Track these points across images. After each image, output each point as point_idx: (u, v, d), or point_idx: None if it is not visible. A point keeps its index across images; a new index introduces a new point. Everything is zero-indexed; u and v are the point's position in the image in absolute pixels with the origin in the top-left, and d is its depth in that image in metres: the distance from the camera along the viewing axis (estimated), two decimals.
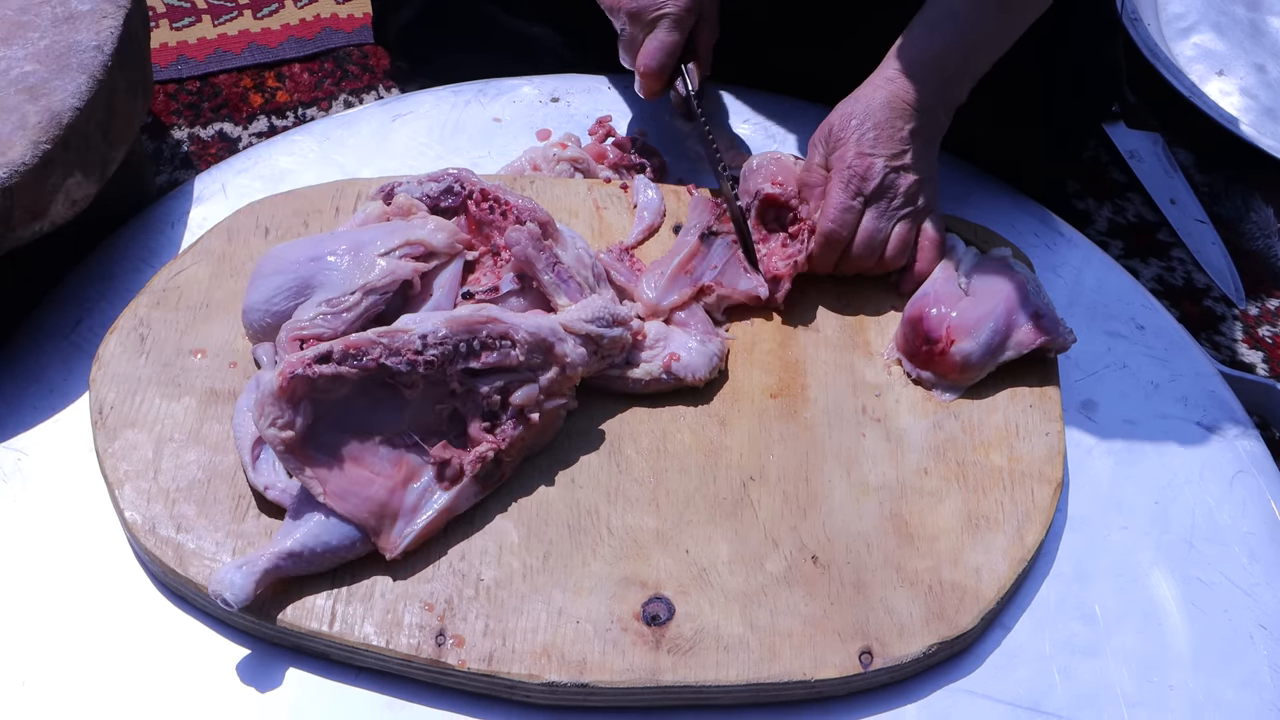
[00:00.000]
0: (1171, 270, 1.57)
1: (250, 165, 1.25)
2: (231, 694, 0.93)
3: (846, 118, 1.11)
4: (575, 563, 0.97)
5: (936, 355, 1.08)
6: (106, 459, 0.99)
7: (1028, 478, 1.03)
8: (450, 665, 0.91)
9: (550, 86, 1.34)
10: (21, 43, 1.10)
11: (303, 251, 1.03)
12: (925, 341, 1.08)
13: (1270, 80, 1.76)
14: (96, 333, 1.10)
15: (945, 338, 1.07)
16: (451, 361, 0.96)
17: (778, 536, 0.99)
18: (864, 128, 1.10)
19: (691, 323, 1.09)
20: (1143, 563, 1.04)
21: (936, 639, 0.95)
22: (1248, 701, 0.97)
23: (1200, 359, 1.18)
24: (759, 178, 1.13)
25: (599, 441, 1.04)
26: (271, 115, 1.65)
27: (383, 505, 0.94)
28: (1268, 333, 1.53)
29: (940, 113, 1.13)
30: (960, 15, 1.11)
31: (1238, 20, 1.83)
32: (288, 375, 0.91)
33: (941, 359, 1.07)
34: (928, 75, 1.11)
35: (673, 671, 0.92)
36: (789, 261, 1.12)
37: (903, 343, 1.10)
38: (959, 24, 1.11)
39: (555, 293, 1.04)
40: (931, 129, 1.13)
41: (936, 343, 1.07)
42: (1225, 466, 1.10)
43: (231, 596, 0.89)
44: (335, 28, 1.75)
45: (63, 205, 1.07)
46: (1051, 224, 1.27)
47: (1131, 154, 1.67)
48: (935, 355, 1.08)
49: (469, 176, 1.08)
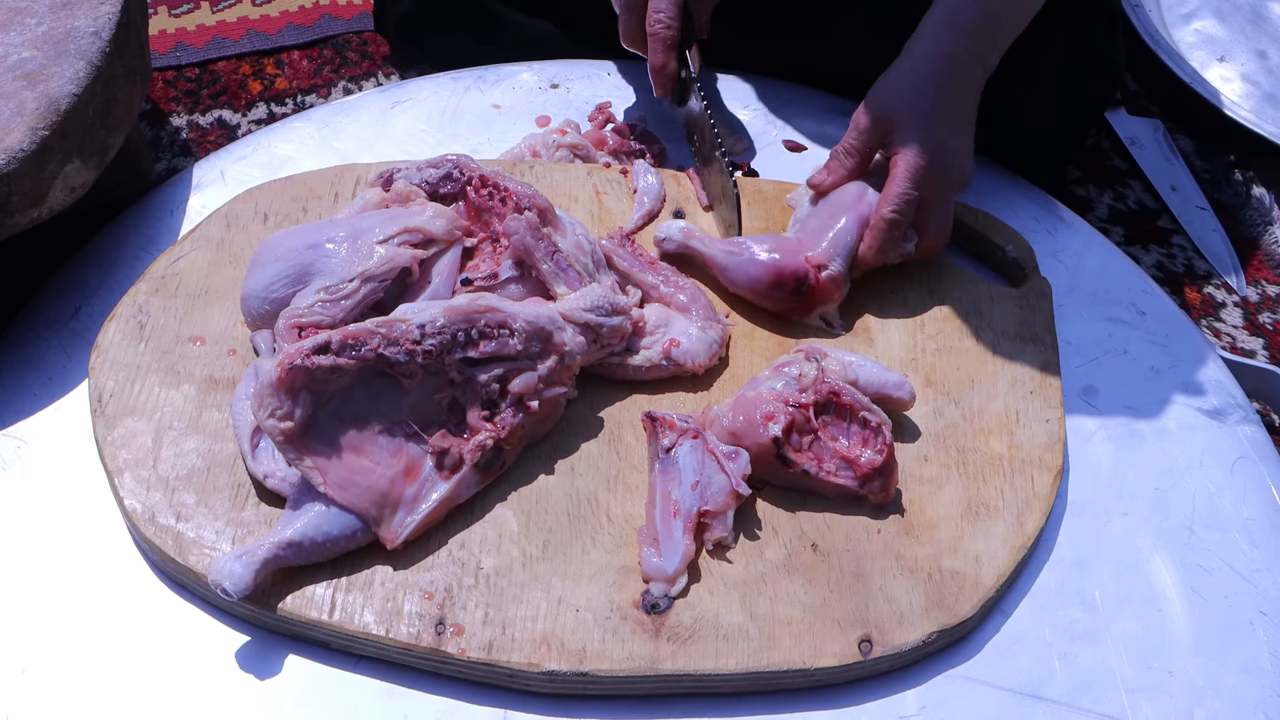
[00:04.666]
0: (1172, 257, 1.57)
1: (249, 152, 1.25)
2: (231, 682, 0.93)
3: (900, 99, 1.09)
4: (575, 551, 0.97)
5: (818, 289, 1.09)
6: (106, 447, 0.99)
7: (1028, 464, 1.03)
8: (450, 654, 0.91)
9: (550, 73, 1.34)
10: (19, 29, 1.10)
11: (301, 239, 1.03)
12: (798, 284, 1.09)
13: (1271, 66, 1.75)
14: (95, 320, 1.10)
15: (813, 271, 1.09)
16: (450, 351, 0.95)
17: (777, 524, 0.99)
18: (924, 110, 1.08)
19: (692, 309, 1.09)
20: (1143, 549, 1.04)
21: (936, 627, 0.95)
22: (1248, 687, 0.97)
23: (1201, 345, 1.18)
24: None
25: (598, 429, 1.04)
26: (271, 102, 1.64)
27: (383, 495, 0.94)
28: (1268, 319, 1.53)
29: (980, 84, 1.12)
30: None
31: (1239, 6, 1.83)
32: (286, 366, 0.91)
33: (822, 290, 1.09)
34: (971, 46, 1.10)
35: (672, 660, 0.92)
36: (881, 452, 0.99)
37: (782, 304, 1.11)
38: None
39: (554, 281, 1.03)
40: (974, 101, 1.12)
41: (806, 278, 1.09)
42: (1226, 452, 1.10)
43: (231, 586, 0.89)
44: (334, 15, 1.74)
45: (61, 192, 1.07)
46: (1053, 210, 1.27)
47: (1132, 140, 1.66)
48: (817, 289, 1.09)
49: (468, 163, 1.08)
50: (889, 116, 1.10)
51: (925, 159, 1.08)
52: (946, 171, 1.10)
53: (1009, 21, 1.12)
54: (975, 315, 1.13)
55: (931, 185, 1.09)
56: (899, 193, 1.08)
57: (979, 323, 1.13)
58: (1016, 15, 1.12)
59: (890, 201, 1.09)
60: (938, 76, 1.09)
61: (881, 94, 1.11)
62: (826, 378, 1.01)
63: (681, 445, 0.98)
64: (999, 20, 1.11)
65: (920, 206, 1.10)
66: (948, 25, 1.10)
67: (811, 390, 1.00)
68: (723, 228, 1.18)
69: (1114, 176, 1.65)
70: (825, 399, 1.00)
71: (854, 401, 1.00)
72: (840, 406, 1.00)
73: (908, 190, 1.08)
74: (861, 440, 1.00)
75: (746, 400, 1.00)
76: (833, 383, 1.00)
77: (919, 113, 1.09)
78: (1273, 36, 1.79)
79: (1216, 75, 1.74)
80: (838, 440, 1.00)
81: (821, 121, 1.32)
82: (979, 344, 1.11)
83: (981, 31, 1.10)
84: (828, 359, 1.03)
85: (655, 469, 0.99)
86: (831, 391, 1.00)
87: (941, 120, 1.09)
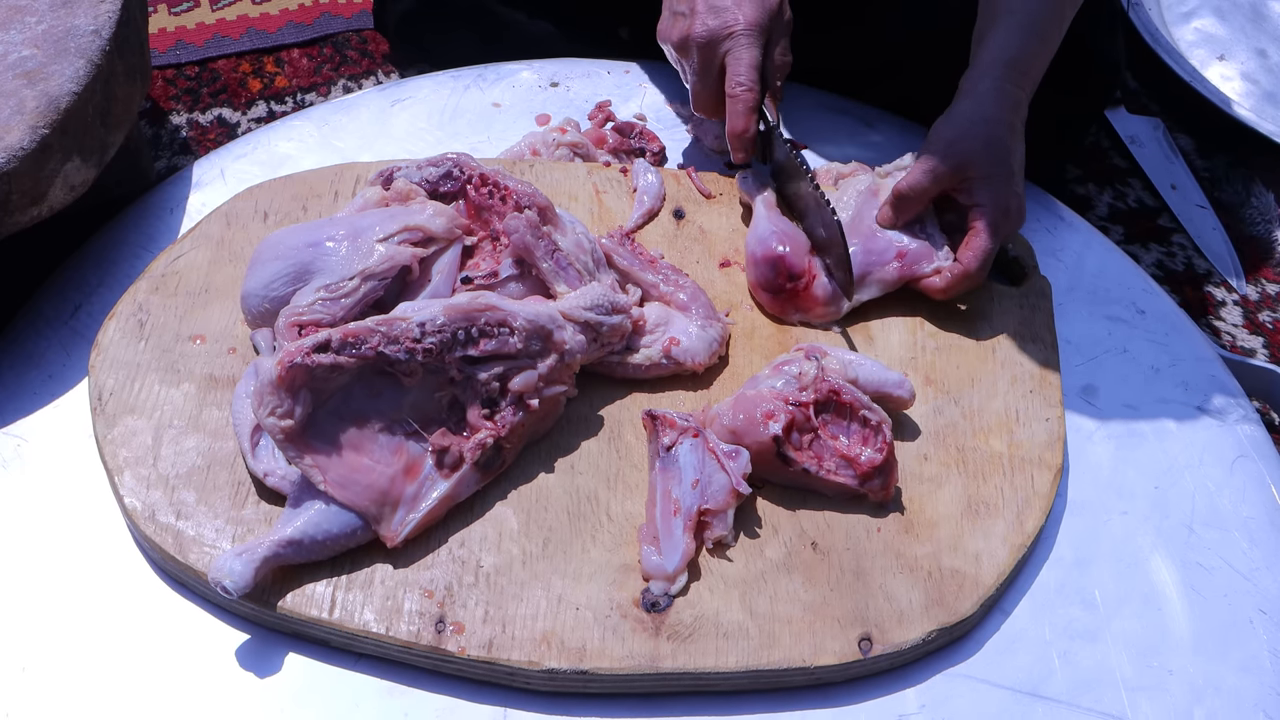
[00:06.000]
0: (1172, 255, 1.57)
1: (249, 150, 1.25)
2: (231, 680, 0.93)
3: (983, 150, 1.08)
4: (575, 549, 0.97)
5: (801, 291, 1.09)
6: (106, 445, 0.99)
7: (1027, 463, 1.03)
8: (450, 652, 0.91)
9: (550, 71, 1.34)
10: (19, 27, 1.10)
11: (301, 237, 1.03)
12: (788, 278, 1.09)
13: (1271, 65, 1.75)
14: (95, 318, 1.10)
15: (807, 273, 1.10)
16: (450, 349, 0.95)
17: (777, 523, 0.99)
18: (1003, 161, 1.08)
19: (692, 307, 1.09)
20: (1143, 548, 1.04)
21: (936, 625, 0.95)
22: (1247, 686, 0.97)
23: (1201, 344, 1.18)
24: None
25: (598, 427, 1.04)
26: (270, 100, 1.65)
27: (383, 493, 0.94)
28: (1268, 318, 1.53)
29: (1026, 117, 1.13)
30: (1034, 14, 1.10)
31: (1239, 5, 1.83)
32: (286, 364, 0.91)
33: (805, 295, 1.09)
34: (1026, 82, 1.10)
35: (672, 658, 0.92)
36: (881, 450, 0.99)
37: (764, 280, 1.11)
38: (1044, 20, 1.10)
39: (554, 280, 1.03)
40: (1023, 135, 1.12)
41: (800, 278, 1.09)
42: (1225, 451, 1.10)
43: (231, 584, 0.89)
44: (334, 13, 1.74)
45: (61, 190, 1.07)
46: (1053, 208, 1.27)
47: (1132, 139, 1.66)
48: (800, 292, 1.10)
49: (468, 161, 1.08)
50: (966, 166, 1.09)
51: (1005, 214, 1.09)
52: (1018, 222, 1.11)
53: (1053, 51, 1.13)
54: (975, 314, 1.13)
55: (1004, 235, 1.10)
56: (985, 247, 1.09)
57: (979, 321, 1.13)
58: (1058, 41, 1.13)
59: (979, 256, 1.09)
60: (1009, 124, 1.09)
61: (958, 140, 1.09)
62: (826, 376, 1.01)
63: (682, 444, 0.98)
64: (1047, 52, 1.12)
65: None
66: (1010, 65, 1.10)
67: (811, 389, 1.00)
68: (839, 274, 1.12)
69: (1114, 175, 1.65)
70: (825, 397, 1.00)
71: (854, 400, 1.00)
72: (840, 405, 1.00)
73: (990, 244, 1.09)
74: (861, 439, 1.00)
75: (746, 399, 1.00)
76: (833, 381, 1.00)
77: (998, 164, 1.08)
78: (1273, 35, 1.79)
79: (1216, 74, 1.74)
80: (838, 439, 1.00)
81: (819, 120, 1.32)
82: (979, 343, 1.11)
83: (1032, 68, 1.11)
84: (828, 357, 1.03)
85: (655, 467, 0.99)
86: (831, 390, 1.00)
87: (1017, 173, 1.09)
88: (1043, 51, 1.11)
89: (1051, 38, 1.12)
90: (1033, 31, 1.10)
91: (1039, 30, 1.10)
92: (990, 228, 1.08)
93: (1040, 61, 1.11)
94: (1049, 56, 1.12)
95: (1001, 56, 1.10)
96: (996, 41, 1.11)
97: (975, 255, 1.09)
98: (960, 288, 1.10)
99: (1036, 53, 1.11)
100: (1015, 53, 1.10)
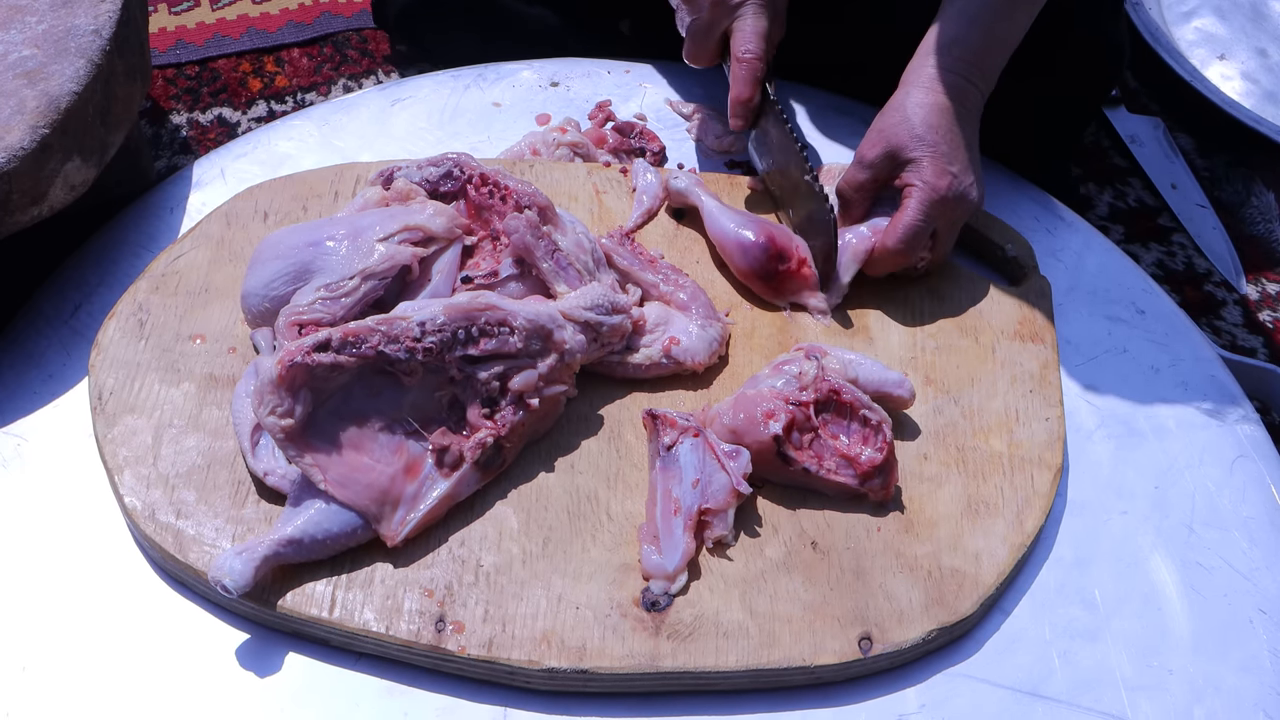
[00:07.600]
0: (1172, 255, 1.57)
1: (249, 150, 1.25)
2: (231, 680, 0.93)
3: (910, 132, 1.08)
4: (575, 549, 0.97)
5: (794, 272, 1.10)
6: (106, 444, 0.99)
7: (1027, 463, 1.03)
8: (450, 651, 0.91)
9: (550, 71, 1.34)
10: (19, 27, 1.10)
11: (301, 236, 1.03)
12: (779, 260, 1.10)
13: (1272, 64, 1.75)
14: (95, 318, 1.10)
15: (796, 254, 1.10)
16: (450, 348, 0.95)
17: (777, 522, 0.99)
18: (932, 142, 1.08)
19: (692, 307, 1.09)
20: (1143, 547, 1.04)
21: (936, 625, 0.95)
22: (1247, 686, 0.97)
23: (1201, 344, 1.18)
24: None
25: (598, 427, 1.04)
26: (270, 100, 1.65)
27: (384, 492, 0.94)
28: (1268, 317, 1.53)
29: (981, 107, 1.12)
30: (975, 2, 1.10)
31: (1239, 4, 1.83)
32: (286, 364, 0.91)
33: (799, 275, 1.10)
34: (973, 71, 1.10)
35: (672, 657, 0.92)
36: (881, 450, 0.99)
37: (756, 265, 1.11)
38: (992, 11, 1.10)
39: (554, 280, 1.03)
40: (977, 123, 1.12)
41: (789, 259, 1.10)
42: (1225, 451, 1.10)
43: (231, 583, 0.89)
44: (334, 12, 1.74)
45: (61, 190, 1.07)
46: (1052, 208, 1.27)
47: (1132, 139, 1.66)
48: (793, 272, 1.10)
49: (468, 161, 1.08)
50: (898, 150, 1.09)
51: (938, 193, 1.08)
52: (959, 203, 1.09)
53: (1005, 44, 1.12)
54: (975, 314, 1.13)
55: (943, 217, 1.09)
56: (909, 223, 1.08)
57: (979, 321, 1.13)
58: (1012, 35, 1.12)
59: (899, 232, 1.09)
60: (944, 107, 1.09)
61: (888, 127, 1.10)
62: (826, 376, 1.01)
63: (682, 443, 0.98)
64: (997, 43, 1.11)
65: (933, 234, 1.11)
66: (947, 52, 1.10)
67: (812, 388, 1.00)
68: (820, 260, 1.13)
69: (1114, 174, 1.65)
70: (825, 397, 1.00)
71: (854, 399, 1.00)
72: (840, 405, 1.00)
73: (917, 222, 1.08)
74: (862, 438, 1.00)
75: (747, 398, 1.00)
76: (833, 381, 1.00)
77: (929, 145, 1.08)
78: (1273, 34, 1.79)
79: (1217, 73, 1.74)
80: (838, 438, 1.00)
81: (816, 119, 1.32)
82: (979, 342, 1.11)
83: (980, 57, 1.10)
84: (828, 357, 1.03)
85: (656, 467, 0.99)
86: (832, 389, 1.00)
87: (951, 153, 1.09)
88: (989, 39, 1.10)
89: (997, 28, 1.11)
90: (970, 17, 1.10)
91: (977, 17, 1.10)
92: (918, 205, 1.08)
93: (989, 49, 1.11)
94: (1001, 46, 1.11)
95: (940, 42, 1.10)
96: (935, 30, 1.11)
97: (895, 231, 1.09)
98: (884, 264, 1.11)
99: (980, 40, 1.10)
100: (953, 38, 1.10)
